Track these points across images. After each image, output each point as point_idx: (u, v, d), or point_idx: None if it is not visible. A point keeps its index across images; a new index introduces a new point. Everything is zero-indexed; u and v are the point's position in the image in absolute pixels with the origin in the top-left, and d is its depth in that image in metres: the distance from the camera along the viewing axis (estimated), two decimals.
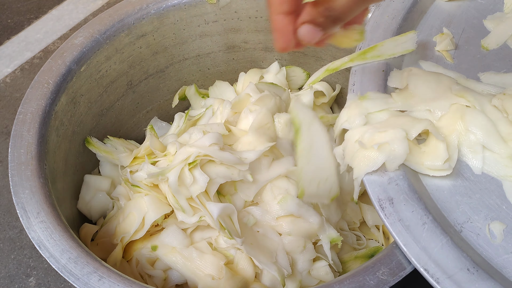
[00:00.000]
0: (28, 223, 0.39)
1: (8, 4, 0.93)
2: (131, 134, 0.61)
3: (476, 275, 0.30)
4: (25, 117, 0.46)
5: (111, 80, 0.55)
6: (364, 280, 0.34)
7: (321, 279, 0.45)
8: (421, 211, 0.33)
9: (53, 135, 0.47)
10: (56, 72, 0.49)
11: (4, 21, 0.90)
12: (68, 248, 0.38)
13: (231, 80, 0.64)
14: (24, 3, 0.92)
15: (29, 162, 0.43)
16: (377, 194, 0.34)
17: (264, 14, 0.58)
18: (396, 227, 0.33)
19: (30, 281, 0.58)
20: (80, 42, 0.52)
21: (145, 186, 0.47)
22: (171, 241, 0.45)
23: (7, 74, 0.81)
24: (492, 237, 0.32)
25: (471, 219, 0.33)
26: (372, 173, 0.35)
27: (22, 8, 0.92)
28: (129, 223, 0.47)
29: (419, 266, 0.31)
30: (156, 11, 0.55)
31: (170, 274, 0.45)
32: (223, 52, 0.62)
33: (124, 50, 0.55)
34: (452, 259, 0.31)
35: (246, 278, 0.43)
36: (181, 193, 0.44)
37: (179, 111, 0.63)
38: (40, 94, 0.47)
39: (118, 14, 0.54)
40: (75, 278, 0.36)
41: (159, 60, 0.59)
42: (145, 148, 0.50)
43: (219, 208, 0.42)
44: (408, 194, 0.34)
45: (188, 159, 0.44)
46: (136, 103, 0.60)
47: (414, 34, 0.42)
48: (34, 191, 0.41)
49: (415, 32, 0.42)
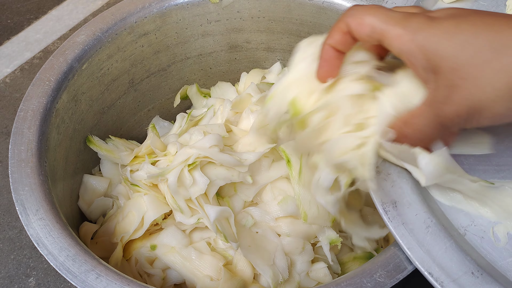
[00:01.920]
0: (27, 220, 0.39)
1: (8, 4, 0.93)
2: (132, 132, 0.61)
3: (480, 278, 0.30)
4: (26, 114, 0.45)
5: (113, 78, 0.55)
6: (362, 283, 0.34)
7: (320, 281, 0.45)
8: (424, 214, 0.33)
9: (53, 133, 0.47)
10: (57, 70, 0.49)
11: (4, 21, 0.90)
12: (67, 246, 0.37)
13: (233, 79, 0.64)
14: (24, 3, 0.92)
15: (29, 160, 0.42)
16: (380, 197, 0.34)
17: (267, 14, 0.58)
18: (400, 230, 0.32)
19: (29, 281, 0.58)
20: (82, 40, 0.52)
21: (144, 186, 0.47)
22: (170, 240, 0.45)
23: (7, 74, 0.81)
24: (496, 240, 0.32)
25: (475, 222, 0.33)
26: (375, 177, 0.35)
27: (22, 8, 0.92)
28: (129, 222, 0.47)
29: (423, 270, 0.31)
30: (159, 10, 0.55)
31: (168, 274, 0.45)
32: (225, 52, 0.62)
33: (126, 49, 0.55)
34: (456, 263, 0.31)
35: (244, 279, 0.43)
36: (180, 194, 0.44)
37: (180, 110, 0.63)
38: (41, 92, 0.47)
39: (120, 12, 0.54)
40: (72, 275, 0.36)
41: (161, 59, 0.59)
42: (146, 147, 0.50)
43: (216, 212, 0.42)
44: (412, 197, 0.34)
45: (188, 160, 0.44)
46: (138, 102, 0.60)
47: None
48: (33, 188, 0.41)
49: None
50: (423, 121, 0.29)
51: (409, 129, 0.30)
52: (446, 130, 0.30)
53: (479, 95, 0.26)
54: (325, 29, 0.57)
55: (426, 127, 0.30)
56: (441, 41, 0.27)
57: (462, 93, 0.26)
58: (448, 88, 0.27)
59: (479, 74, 0.25)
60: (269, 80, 0.61)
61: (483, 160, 0.35)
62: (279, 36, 0.60)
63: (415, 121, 0.30)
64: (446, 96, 0.27)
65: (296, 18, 0.57)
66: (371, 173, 0.33)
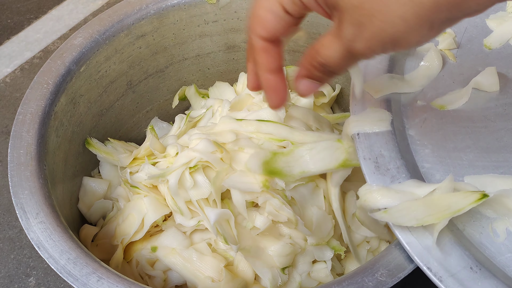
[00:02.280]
0: (28, 223, 0.39)
1: (8, 4, 0.93)
2: (131, 134, 0.61)
3: (479, 273, 0.30)
4: (24, 117, 0.45)
5: (111, 80, 0.55)
6: (363, 282, 0.34)
7: (321, 281, 0.45)
8: None
9: (52, 136, 0.47)
10: (55, 73, 0.49)
11: (4, 21, 0.90)
12: (67, 249, 0.37)
13: (231, 80, 0.64)
14: (24, 3, 0.92)
15: (28, 163, 0.42)
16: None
17: None
18: (399, 226, 0.32)
19: (30, 281, 0.58)
20: (80, 42, 0.52)
21: (144, 187, 0.47)
22: (170, 242, 0.45)
23: (7, 74, 0.81)
24: (495, 236, 0.32)
25: (474, 217, 0.33)
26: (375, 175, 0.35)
27: (22, 8, 0.92)
28: (129, 224, 0.47)
29: (422, 265, 0.31)
30: (156, 11, 0.55)
31: (170, 275, 0.45)
32: (223, 52, 0.62)
33: (123, 50, 0.55)
34: (455, 258, 0.31)
35: (246, 280, 0.43)
36: (180, 196, 0.44)
37: (179, 111, 0.63)
38: (40, 95, 0.47)
39: (117, 14, 0.54)
40: (74, 278, 0.36)
41: (158, 60, 0.59)
42: (145, 149, 0.50)
43: (216, 214, 0.42)
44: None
45: (189, 163, 0.44)
46: (136, 103, 0.60)
47: None
48: (33, 192, 0.41)
49: None
50: (334, 53, 0.28)
51: (321, 58, 0.29)
52: (359, 59, 0.28)
53: (390, 30, 0.25)
54: (323, 28, 0.57)
55: (337, 59, 0.28)
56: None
57: (372, 30, 0.25)
58: (354, 26, 0.25)
59: (384, 9, 0.24)
60: None
61: (482, 156, 0.35)
62: None
63: (325, 52, 0.28)
64: (354, 34, 0.26)
65: None
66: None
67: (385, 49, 0.26)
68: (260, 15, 0.29)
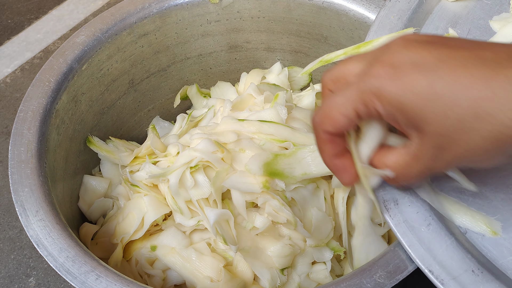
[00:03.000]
0: (27, 221, 0.39)
1: (8, 4, 0.93)
2: (132, 132, 0.61)
3: (481, 276, 0.30)
4: (25, 115, 0.45)
5: (113, 79, 0.55)
6: (361, 283, 0.34)
7: (320, 282, 0.45)
8: (426, 212, 0.33)
9: (53, 134, 0.47)
10: (57, 71, 0.49)
11: (4, 21, 0.90)
12: (66, 247, 0.37)
13: (233, 80, 0.64)
14: (24, 3, 0.92)
15: (29, 160, 0.42)
16: (382, 195, 0.34)
17: (267, 14, 0.58)
18: (401, 228, 0.32)
19: (30, 281, 0.58)
20: (82, 40, 0.52)
21: (145, 186, 0.47)
22: (170, 241, 0.45)
23: (7, 74, 0.81)
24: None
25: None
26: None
27: (22, 8, 0.92)
28: (129, 223, 0.47)
29: (423, 268, 0.31)
30: (158, 10, 0.55)
31: (169, 275, 0.45)
32: (225, 52, 0.61)
33: (126, 49, 0.55)
34: (457, 261, 0.30)
35: (245, 280, 0.43)
36: (180, 195, 0.44)
37: (180, 110, 0.63)
38: (41, 92, 0.47)
39: (120, 13, 0.54)
40: (72, 276, 0.36)
41: (161, 59, 0.59)
42: (146, 148, 0.50)
43: (216, 215, 0.42)
44: (413, 195, 0.33)
45: (190, 163, 0.44)
46: (138, 102, 0.60)
47: (411, 31, 0.42)
48: (33, 190, 0.41)
49: (413, 29, 0.42)
50: (416, 172, 0.30)
51: (404, 179, 0.31)
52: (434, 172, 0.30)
53: (470, 156, 0.27)
54: (325, 29, 0.56)
55: (417, 178, 0.30)
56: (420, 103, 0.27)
57: (453, 154, 0.27)
58: (436, 149, 0.28)
59: (467, 139, 0.26)
60: (269, 80, 0.60)
61: None
62: (279, 36, 0.60)
63: (407, 172, 0.30)
64: (435, 155, 0.28)
65: (296, 18, 0.57)
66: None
67: (460, 166, 0.29)
68: (333, 117, 0.29)
